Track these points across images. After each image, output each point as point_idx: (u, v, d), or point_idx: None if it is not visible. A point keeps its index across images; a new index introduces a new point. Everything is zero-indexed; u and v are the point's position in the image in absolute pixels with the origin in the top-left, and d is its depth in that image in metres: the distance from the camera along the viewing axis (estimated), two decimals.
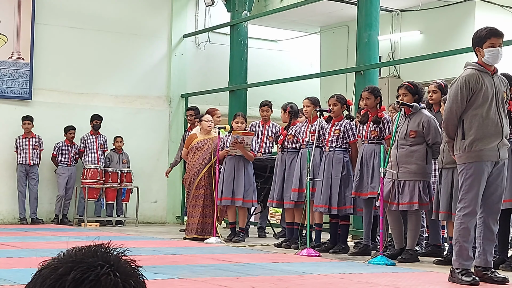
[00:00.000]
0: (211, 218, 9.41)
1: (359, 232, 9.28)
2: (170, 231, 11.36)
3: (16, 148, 12.22)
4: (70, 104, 12.80)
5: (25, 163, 12.16)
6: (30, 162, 12.17)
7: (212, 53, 14.42)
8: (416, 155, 7.05)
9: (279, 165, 8.75)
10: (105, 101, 13.08)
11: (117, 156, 12.77)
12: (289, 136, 8.67)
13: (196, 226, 9.41)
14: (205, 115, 9.94)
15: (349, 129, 8.00)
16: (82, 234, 9.78)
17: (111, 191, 12.60)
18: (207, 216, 9.44)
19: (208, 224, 9.41)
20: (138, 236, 10.12)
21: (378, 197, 7.02)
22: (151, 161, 13.50)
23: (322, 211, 8.03)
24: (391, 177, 7.06)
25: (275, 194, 8.70)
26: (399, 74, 12.85)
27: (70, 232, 10.43)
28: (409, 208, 7.05)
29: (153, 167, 13.50)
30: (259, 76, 13.63)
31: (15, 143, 12.22)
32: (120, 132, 12.78)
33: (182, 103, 13.88)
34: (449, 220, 6.86)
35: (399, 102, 7.12)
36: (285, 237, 9.01)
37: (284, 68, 15.01)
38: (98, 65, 13.11)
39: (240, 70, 12.61)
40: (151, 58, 13.68)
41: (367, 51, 9.94)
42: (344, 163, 7.95)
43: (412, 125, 7.08)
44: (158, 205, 13.57)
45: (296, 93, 13.22)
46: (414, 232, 7.16)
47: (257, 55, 14.64)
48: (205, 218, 9.43)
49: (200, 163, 9.55)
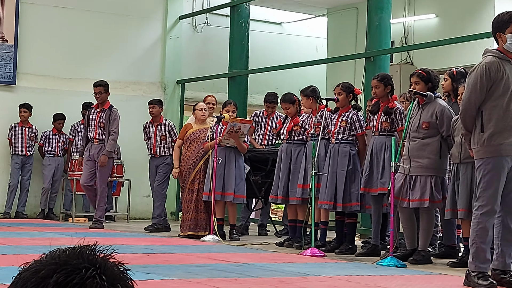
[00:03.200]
0: (205, 213, 9.40)
1: (367, 230, 9.28)
2: None
3: (11, 136, 12.20)
4: (57, 90, 12.78)
5: (21, 153, 12.14)
6: (26, 153, 12.17)
7: (211, 36, 14.39)
8: (428, 148, 7.04)
9: (283, 157, 8.68)
10: None
11: None
12: (296, 128, 8.63)
13: (189, 222, 9.42)
14: (199, 103, 9.94)
15: (356, 121, 7.99)
16: (69, 230, 9.78)
17: None
18: (200, 211, 9.43)
19: (203, 220, 9.40)
20: (129, 233, 10.12)
21: (389, 194, 7.02)
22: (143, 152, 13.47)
23: (326, 208, 8.02)
24: (403, 171, 7.06)
25: (279, 189, 8.64)
26: (412, 61, 12.83)
27: (56, 227, 10.44)
28: (419, 205, 7.04)
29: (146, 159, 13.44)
30: (261, 62, 13.62)
31: (9, 131, 12.20)
32: None
33: (178, 90, 13.87)
34: (467, 219, 6.84)
35: (411, 91, 7.11)
36: (288, 235, 9.01)
37: (288, 53, 15.00)
38: (87, 48, 13.08)
39: (241, 54, 12.59)
40: (144, 41, 13.65)
41: (378, 35, 9.92)
42: (351, 156, 7.94)
43: (425, 115, 7.06)
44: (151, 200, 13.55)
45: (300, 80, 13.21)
46: (427, 232, 7.16)
47: (259, 39, 14.62)
48: (198, 213, 9.42)
49: (196, 155, 9.55)
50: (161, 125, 10.87)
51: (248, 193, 9.55)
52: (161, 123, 10.88)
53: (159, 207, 10.78)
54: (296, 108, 8.68)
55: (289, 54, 14.87)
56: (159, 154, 10.85)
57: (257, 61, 13.35)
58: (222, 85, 13.38)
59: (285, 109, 8.74)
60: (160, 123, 10.88)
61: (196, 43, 14.31)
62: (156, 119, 10.91)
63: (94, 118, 10.55)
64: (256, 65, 12.93)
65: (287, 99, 8.73)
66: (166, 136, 10.84)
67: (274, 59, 14.23)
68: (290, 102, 8.68)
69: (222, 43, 13.47)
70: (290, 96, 8.74)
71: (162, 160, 10.83)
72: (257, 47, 14.13)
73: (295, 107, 8.67)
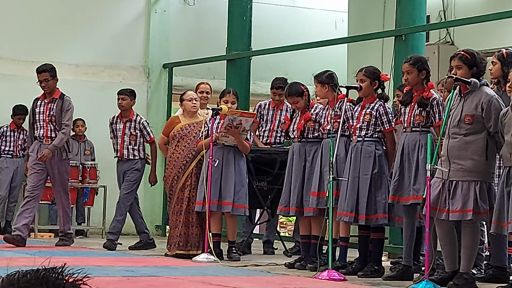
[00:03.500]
0: (198, 227, 9.41)
1: (397, 248, 9.28)
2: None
3: None
4: (17, 76, 12.81)
5: None
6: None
7: (205, 10, 14.40)
8: (472, 147, 7.04)
9: (296, 159, 8.68)
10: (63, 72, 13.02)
11: (77, 145, 12.80)
12: (309, 123, 8.64)
13: (178, 239, 9.43)
14: (187, 91, 9.91)
15: (383, 114, 7.99)
16: (31, 248, 9.79)
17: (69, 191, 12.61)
18: (192, 225, 9.44)
19: (195, 236, 9.42)
20: (105, 252, 10.14)
21: (424, 203, 7.03)
22: None
23: (347, 221, 8.03)
24: (441, 176, 7.06)
25: (292, 199, 8.62)
26: (452, 40, 12.83)
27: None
28: (461, 218, 7.04)
29: None
30: (267, 41, 13.62)
31: None
32: (82, 114, 12.78)
33: (165, 76, 13.88)
34: None
35: (452, 77, 7.11)
36: (300, 254, 9.02)
37: (301, 30, 15.00)
38: (53, 26, 13.10)
39: (242, 32, 12.60)
40: (123, 16, 13.67)
41: (410, 9, 9.92)
42: (376, 157, 7.95)
43: (468, 107, 7.06)
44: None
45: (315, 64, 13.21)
46: (471, 250, 7.16)
47: (265, 13, 14.61)
48: (189, 228, 9.43)
49: (185, 156, 9.55)
50: (130, 122, 10.68)
51: (250, 203, 9.57)
52: (130, 119, 10.68)
53: (121, 221, 10.57)
54: (305, 100, 8.69)
55: (302, 31, 14.87)
56: (127, 157, 10.62)
57: (262, 40, 13.35)
58: (219, 70, 13.40)
59: (293, 104, 8.74)
60: (129, 119, 10.68)
61: (187, 18, 14.32)
62: (125, 114, 10.70)
63: (42, 112, 10.38)
64: (260, 45, 12.94)
65: (294, 91, 8.71)
66: (137, 136, 10.63)
67: (283, 38, 14.23)
68: (297, 95, 8.67)
69: (219, 18, 13.48)
70: (297, 88, 8.74)
71: (130, 164, 10.60)
72: (262, 22, 14.13)
73: (304, 100, 8.68)
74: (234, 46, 12.62)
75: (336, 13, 15.55)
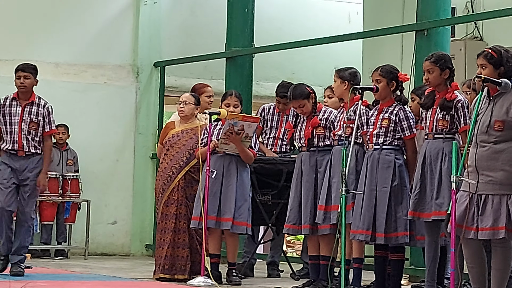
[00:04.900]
0: (186, 248, 9.36)
1: (419, 271, 9.30)
2: (135, 267, 11.39)
3: None
4: None
5: None
6: None
7: (201, 1, 14.42)
8: (503, 157, 7.04)
9: (305, 170, 8.70)
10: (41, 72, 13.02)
11: (58, 153, 12.81)
12: (318, 130, 8.65)
13: (164, 261, 9.35)
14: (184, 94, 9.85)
15: (403, 118, 8.01)
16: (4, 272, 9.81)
17: (48, 206, 12.64)
18: (179, 245, 9.37)
19: (181, 258, 9.35)
20: (88, 275, 10.14)
21: (448, 220, 7.05)
22: (108, 162, 13.54)
23: (362, 240, 8.05)
24: (467, 189, 7.08)
25: (304, 215, 8.63)
26: (481, 35, 12.84)
27: None
28: (492, 236, 7.05)
29: (111, 171, 13.53)
30: (272, 37, 13.64)
31: None
32: (63, 119, 12.80)
33: (156, 76, 13.90)
34: None
35: (480, 77, 7.12)
36: (308, 277, 9.05)
37: (310, 24, 15.01)
38: (31, 21, 13.13)
39: (244, 27, 12.62)
40: (108, 8, 13.71)
41: (433, 0, 9.95)
42: (396, 168, 7.96)
43: (498, 111, 7.06)
44: (118, 228, 13.61)
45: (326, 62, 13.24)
46: (502, 272, 7.17)
47: (269, 5, 14.64)
48: (175, 249, 9.37)
49: (172, 167, 9.48)
50: (32, 106, 9.59)
51: (253, 219, 9.57)
52: (33, 101, 9.62)
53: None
54: (311, 104, 8.71)
55: (311, 25, 14.88)
56: (28, 150, 9.49)
57: (266, 35, 13.38)
58: (217, 69, 13.43)
59: (298, 108, 8.75)
60: (30, 102, 9.60)
61: (181, 12, 14.35)
62: (25, 96, 9.61)
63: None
64: (264, 41, 12.96)
65: (298, 94, 8.72)
66: (38, 125, 9.53)
67: (289, 33, 14.26)
68: (303, 98, 8.68)
69: (217, 10, 13.51)
70: (302, 89, 8.74)
71: (30, 162, 9.49)
72: (266, 15, 14.16)
73: (310, 103, 8.70)
74: (234, 42, 12.64)
75: (350, 4, 15.58)
